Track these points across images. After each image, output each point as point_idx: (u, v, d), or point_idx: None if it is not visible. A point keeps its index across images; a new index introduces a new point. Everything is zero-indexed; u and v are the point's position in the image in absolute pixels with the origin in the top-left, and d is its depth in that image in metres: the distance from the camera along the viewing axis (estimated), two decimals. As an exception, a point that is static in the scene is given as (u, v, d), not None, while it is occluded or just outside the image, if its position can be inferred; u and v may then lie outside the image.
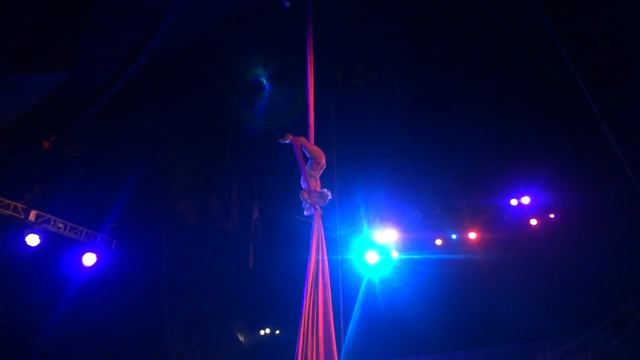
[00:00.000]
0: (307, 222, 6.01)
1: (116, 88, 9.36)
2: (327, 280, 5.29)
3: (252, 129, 12.30)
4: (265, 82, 11.69)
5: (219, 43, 10.27)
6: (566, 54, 8.70)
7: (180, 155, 13.34)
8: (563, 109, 11.49)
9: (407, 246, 13.68)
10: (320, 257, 5.35)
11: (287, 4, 8.41)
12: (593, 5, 9.38)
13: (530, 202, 13.05)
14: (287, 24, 8.98)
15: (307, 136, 6.04)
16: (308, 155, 5.93)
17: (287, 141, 5.83)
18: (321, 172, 6.03)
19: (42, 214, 11.25)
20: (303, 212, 5.92)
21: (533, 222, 13.10)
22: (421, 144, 12.93)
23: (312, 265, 5.26)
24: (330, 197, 5.88)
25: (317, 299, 5.15)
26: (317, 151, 5.93)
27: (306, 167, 5.90)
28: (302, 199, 5.82)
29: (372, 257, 13.00)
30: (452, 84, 11.79)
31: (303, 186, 5.87)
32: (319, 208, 5.69)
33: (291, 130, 6.02)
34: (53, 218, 11.46)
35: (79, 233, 12.01)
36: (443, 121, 12.57)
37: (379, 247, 13.17)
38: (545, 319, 11.71)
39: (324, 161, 5.96)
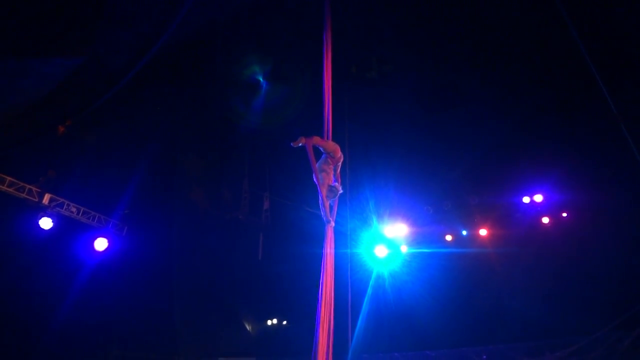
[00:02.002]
0: (318, 214, 6.05)
1: (132, 74, 9.41)
2: (331, 287, 5.39)
3: (265, 119, 12.31)
4: (280, 73, 11.67)
5: (234, 32, 10.27)
6: (585, 50, 8.57)
7: (193, 143, 13.40)
8: (578, 106, 11.36)
9: (416, 240, 13.65)
10: (328, 269, 5.43)
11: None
12: (613, 2, 9.23)
13: (543, 200, 12.92)
14: (304, 15, 8.96)
15: (322, 131, 6.03)
16: (322, 151, 5.92)
17: (300, 144, 5.79)
18: (339, 165, 6.03)
19: (56, 197, 11.37)
20: (313, 204, 5.97)
21: (545, 220, 12.97)
22: (433, 139, 12.87)
23: (324, 274, 5.38)
24: (341, 191, 5.89)
25: (328, 299, 5.31)
26: (332, 146, 5.92)
27: (319, 162, 5.89)
28: (321, 206, 5.84)
29: (381, 251, 13.00)
30: (465, 79, 11.70)
31: (314, 181, 5.88)
32: (331, 220, 5.71)
33: (303, 124, 6.01)
34: (66, 202, 11.57)
35: (91, 218, 12.12)
36: (456, 116, 12.49)
37: (388, 241, 13.17)
38: (555, 317, 11.65)
39: (339, 154, 5.95)
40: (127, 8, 8.23)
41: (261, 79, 11.80)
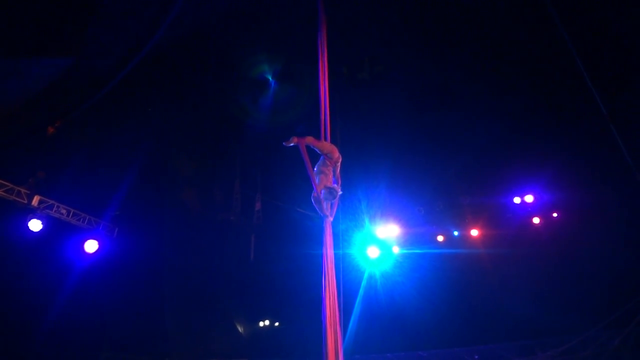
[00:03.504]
0: (309, 215, 6.04)
1: (122, 75, 9.35)
2: (334, 282, 5.40)
3: (258, 119, 12.29)
4: (273, 74, 11.65)
5: (227, 34, 10.24)
6: (574, 51, 8.64)
7: (184, 144, 13.33)
8: (568, 107, 11.46)
9: (408, 241, 13.68)
10: (329, 264, 5.42)
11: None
12: (603, 3, 9.31)
13: (534, 200, 13.01)
14: (297, 17, 8.96)
15: (318, 132, 5.96)
16: (319, 152, 5.84)
17: (292, 144, 5.68)
18: (338, 165, 5.96)
19: (45, 199, 11.24)
20: (304, 205, 5.91)
21: (536, 220, 13.06)
22: (425, 140, 12.91)
23: (325, 269, 5.37)
24: (340, 192, 5.83)
25: (331, 296, 5.36)
26: (328, 146, 5.83)
27: (317, 164, 5.82)
28: (313, 203, 5.79)
29: (373, 252, 13.01)
30: (457, 79, 11.75)
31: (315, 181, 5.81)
32: (329, 215, 5.64)
33: (297, 125, 5.95)
34: (56, 204, 11.45)
35: (81, 219, 12.00)
36: (447, 117, 12.54)
37: (380, 242, 13.18)
38: (547, 317, 11.73)
39: (337, 155, 5.87)
40: (118, 8, 8.18)
41: (254, 80, 11.77)
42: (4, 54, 8.04)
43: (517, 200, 13.18)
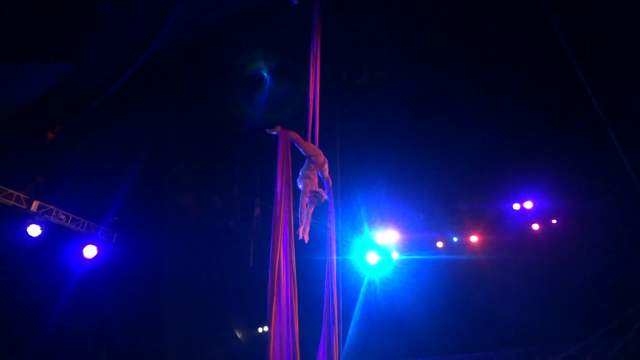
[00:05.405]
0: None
1: (122, 80, 9.38)
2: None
3: (256, 124, 12.28)
4: (270, 78, 11.66)
5: (225, 38, 10.26)
6: (573, 57, 8.65)
7: (183, 150, 13.34)
8: (568, 113, 11.46)
9: (407, 247, 13.66)
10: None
11: (295, 2, 8.40)
12: (601, 8, 9.32)
13: (533, 206, 12.96)
14: (295, 20, 8.97)
15: (306, 134, 5.88)
16: (303, 154, 5.74)
17: (274, 132, 5.57)
18: (325, 169, 5.88)
19: (44, 204, 11.24)
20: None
21: (535, 227, 13.02)
22: (424, 146, 12.91)
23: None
24: (325, 197, 5.74)
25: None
26: (312, 149, 5.70)
27: (302, 168, 5.75)
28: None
29: (372, 258, 12.99)
30: (456, 86, 11.77)
31: (299, 186, 5.75)
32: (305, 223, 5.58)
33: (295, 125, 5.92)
34: (55, 209, 11.45)
35: (80, 225, 12.00)
36: (447, 123, 12.55)
37: (379, 248, 13.16)
38: (546, 324, 11.67)
39: (322, 159, 5.73)
40: (118, 12, 8.23)
41: (253, 85, 11.78)
42: (4, 58, 8.08)
43: (516, 206, 13.11)
